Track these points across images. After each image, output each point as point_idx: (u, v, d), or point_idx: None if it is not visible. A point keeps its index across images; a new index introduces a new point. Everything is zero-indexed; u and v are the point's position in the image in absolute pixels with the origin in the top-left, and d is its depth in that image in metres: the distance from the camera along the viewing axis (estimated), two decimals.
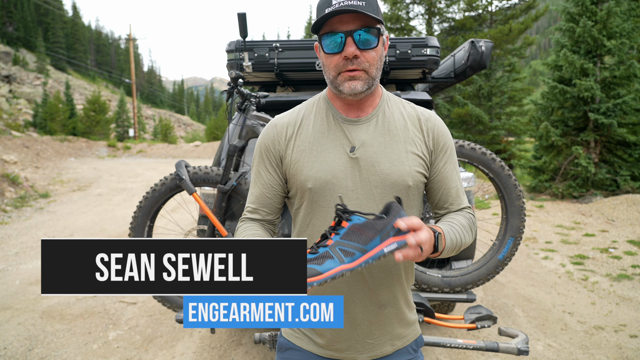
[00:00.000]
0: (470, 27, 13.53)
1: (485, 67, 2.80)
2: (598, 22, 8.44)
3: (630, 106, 8.32)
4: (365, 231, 0.80)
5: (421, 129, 1.05)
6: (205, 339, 2.98)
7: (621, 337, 3.01)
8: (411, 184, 1.01)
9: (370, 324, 1.04)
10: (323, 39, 0.96)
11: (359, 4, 0.91)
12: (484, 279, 2.30)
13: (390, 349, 1.07)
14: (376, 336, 1.05)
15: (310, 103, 1.10)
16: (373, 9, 0.93)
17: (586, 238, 5.83)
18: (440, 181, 1.06)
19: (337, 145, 1.01)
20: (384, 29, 1.00)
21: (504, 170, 2.23)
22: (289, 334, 1.12)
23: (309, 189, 1.00)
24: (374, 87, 1.00)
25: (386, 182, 0.99)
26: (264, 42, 2.74)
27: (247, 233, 1.04)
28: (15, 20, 47.81)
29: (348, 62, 0.95)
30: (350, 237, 0.80)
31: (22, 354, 2.77)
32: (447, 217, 1.07)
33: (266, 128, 1.09)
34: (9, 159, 12.49)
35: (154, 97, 76.27)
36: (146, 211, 2.30)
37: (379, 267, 1.01)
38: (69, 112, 28.39)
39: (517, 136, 13.21)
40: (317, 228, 1.01)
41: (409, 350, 1.10)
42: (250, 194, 1.11)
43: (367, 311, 1.03)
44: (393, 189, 0.99)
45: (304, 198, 1.03)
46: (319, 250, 0.80)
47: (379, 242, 0.80)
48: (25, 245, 5.39)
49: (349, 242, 0.80)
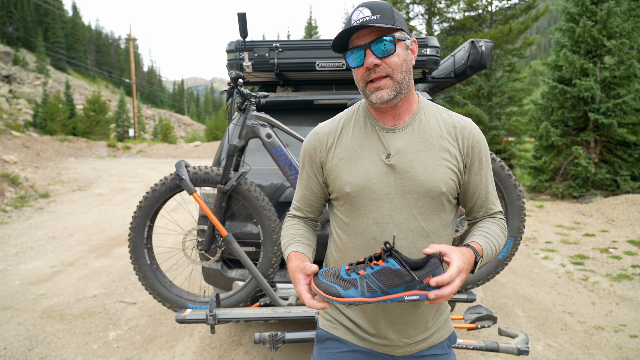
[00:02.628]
0: (470, 27, 13.52)
1: (485, 67, 2.79)
2: (598, 22, 8.44)
3: (630, 106, 8.33)
4: (394, 277, 0.87)
5: (456, 137, 1.09)
6: (205, 339, 2.98)
7: (621, 337, 3.01)
8: (444, 190, 1.05)
9: (405, 322, 1.09)
10: (347, 57, 1.05)
11: (373, 18, 0.98)
12: (484, 279, 2.30)
13: (425, 346, 1.13)
14: (411, 335, 1.10)
15: (350, 112, 1.17)
16: (387, 20, 0.99)
17: (586, 238, 5.83)
18: (474, 187, 1.11)
19: (373, 152, 1.08)
20: (406, 34, 1.04)
21: (504, 170, 2.23)
22: (326, 325, 1.18)
23: (347, 193, 1.08)
24: (403, 92, 1.05)
25: (420, 188, 1.04)
26: (264, 42, 2.74)
27: (291, 232, 1.18)
28: (15, 20, 47.82)
29: (371, 72, 1.02)
30: (379, 277, 0.87)
31: (22, 354, 2.77)
32: (482, 226, 1.12)
33: (309, 136, 1.18)
34: (9, 159, 12.49)
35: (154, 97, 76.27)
36: (146, 211, 2.29)
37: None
38: (69, 112, 28.40)
39: (517, 136, 13.20)
40: (353, 228, 1.09)
41: (444, 346, 1.16)
42: (295, 192, 1.25)
43: (402, 309, 1.08)
44: (427, 195, 1.04)
45: (343, 201, 1.11)
46: (351, 275, 0.90)
47: (402, 290, 0.87)
48: (25, 245, 5.39)
49: (376, 280, 0.87)
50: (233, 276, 2.48)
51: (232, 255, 2.52)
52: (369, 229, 1.06)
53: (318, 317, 1.27)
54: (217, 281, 2.53)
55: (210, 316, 2.01)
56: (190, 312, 2.09)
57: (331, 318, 1.19)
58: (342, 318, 1.16)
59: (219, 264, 2.51)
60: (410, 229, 1.05)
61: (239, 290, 2.33)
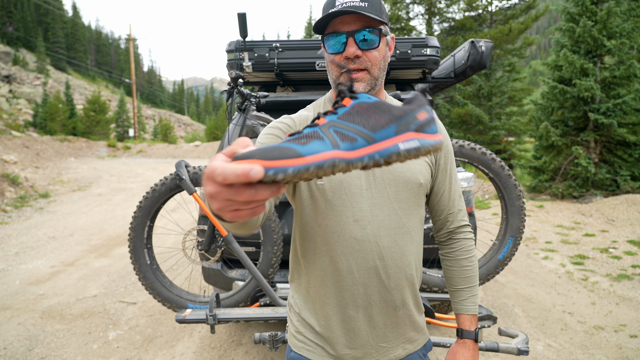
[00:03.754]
0: (470, 27, 13.53)
1: (485, 67, 2.80)
2: (598, 22, 8.44)
3: (630, 106, 8.32)
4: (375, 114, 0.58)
5: None
6: (205, 339, 2.98)
7: (621, 337, 3.01)
8: (422, 181, 1.02)
9: (385, 325, 1.02)
10: (326, 40, 0.97)
11: (361, 5, 0.91)
12: (484, 279, 2.30)
13: (403, 353, 1.06)
14: (390, 339, 1.04)
15: (318, 104, 1.10)
16: (376, 10, 0.93)
17: (586, 238, 5.83)
18: (439, 184, 1.09)
19: None
20: (389, 29, 1.00)
21: (504, 170, 2.23)
22: (300, 347, 1.06)
23: (321, 186, 0.98)
24: (376, 89, 1.01)
25: (399, 180, 0.99)
26: (264, 42, 2.74)
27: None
28: (15, 20, 47.81)
29: (349, 62, 0.95)
30: (353, 118, 0.57)
31: (22, 354, 2.77)
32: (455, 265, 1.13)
33: (284, 116, 1.06)
34: (9, 159, 12.49)
35: (154, 97, 76.27)
36: (146, 211, 2.29)
37: (395, 266, 1.00)
38: (69, 112, 28.40)
39: (517, 136, 13.21)
40: (331, 229, 0.99)
41: (419, 354, 1.09)
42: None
43: (383, 313, 1.01)
44: (406, 187, 1.00)
45: (315, 197, 1.00)
46: (303, 131, 0.55)
47: (393, 132, 0.56)
48: (25, 245, 5.39)
49: (349, 123, 0.56)
50: (233, 276, 2.48)
51: (232, 255, 2.52)
52: (347, 227, 0.97)
53: (287, 334, 1.12)
54: (217, 281, 2.53)
55: (210, 316, 2.01)
56: (190, 312, 2.09)
57: (304, 339, 1.06)
58: (315, 336, 1.05)
59: (219, 264, 2.51)
60: (392, 226, 0.98)
61: (239, 290, 2.33)
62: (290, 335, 1.10)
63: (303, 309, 1.07)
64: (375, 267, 0.98)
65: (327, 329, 1.02)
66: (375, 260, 0.98)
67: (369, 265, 0.98)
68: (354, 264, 0.98)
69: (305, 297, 1.07)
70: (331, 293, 1.00)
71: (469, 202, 2.53)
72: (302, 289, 1.08)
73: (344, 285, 0.99)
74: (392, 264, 0.99)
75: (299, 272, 1.08)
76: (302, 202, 1.02)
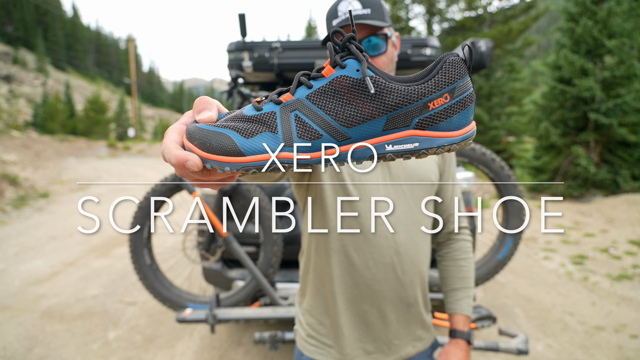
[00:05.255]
0: (470, 27, 13.53)
1: (485, 67, 2.80)
2: (598, 22, 8.44)
3: (630, 106, 8.32)
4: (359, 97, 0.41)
5: None
6: (205, 339, 2.97)
7: (621, 337, 3.01)
8: (434, 179, 1.03)
9: (398, 322, 1.03)
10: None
11: (365, 13, 0.92)
12: (484, 279, 2.30)
13: (413, 351, 1.06)
14: (402, 336, 1.04)
15: None
16: (379, 15, 0.94)
17: (586, 238, 5.83)
18: (444, 183, 1.09)
19: None
20: (392, 30, 1.00)
21: (504, 170, 2.23)
22: (312, 351, 1.04)
23: (345, 185, 0.99)
24: None
25: (413, 177, 1.01)
26: (264, 42, 2.74)
27: None
28: (14, 20, 47.81)
29: None
30: (326, 102, 0.41)
31: (22, 354, 2.77)
32: (452, 265, 1.12)
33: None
34: (9, 159, 12.49)
35: (154, 97, 76.28)
36: (146, 211, 2.30)
37: (411, 262, 1.00)
38: (69, 112, 28.40)
39: (517, 136, 13.21)
40: (347, 223, 0.98)
41: (428, 353, 1.09)
42: None
43: (397, 309, 1.02)
44: (420, 184, 1.01)
45: (330, 192, 0.99)
46: (263, 108, 0.43)
47: (380, 129, 0.41)
48: (25, 245, 5.39)
49: (318, 109, 0.41)
50: (233, 276, 2.48)
51: (232, 255, 2.52)
52: (364, 222, 0.98)
53: (295, 333, 1.11)
54: (217, 281, 2.53)
55: (210, 316, 2.01)
56: (190, 312, 2.09)
57: (316, 342, 1.03)
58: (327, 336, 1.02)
59: (219, 264, 2.51)
60: (408, 222, 1.00)
61: (239, 290, 2.33)
62: (300, 339, 1.08)
63: (314, 307, 1.05)
64: (392, 263, 0.98)
65: (339, 324, 1.00)
66: (392, 255, 0.98)
67: (386, 261, 0.98)
68: (370, 260, 0.98)
69: (316, 295, 1.06)
70: (346, 288, 1.00)
71: (468, 202, 2.53)
72: (314, 286, 1.07)
73: (360, 280, 0.99)
74: (407, 260, 0.99)
75: (309, 269, 1.07)
76: (319, 196, 0.99)
